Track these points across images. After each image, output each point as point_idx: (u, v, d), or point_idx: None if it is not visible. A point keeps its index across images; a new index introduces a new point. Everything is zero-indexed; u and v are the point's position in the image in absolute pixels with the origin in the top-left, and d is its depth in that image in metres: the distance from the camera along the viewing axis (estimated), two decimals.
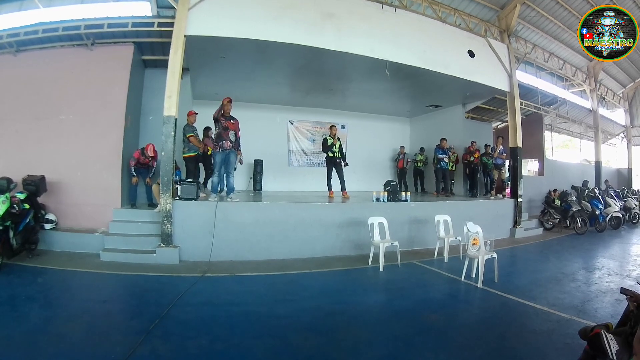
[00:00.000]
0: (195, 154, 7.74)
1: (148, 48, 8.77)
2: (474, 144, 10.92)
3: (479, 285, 5.22)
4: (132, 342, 3.28)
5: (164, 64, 6.77)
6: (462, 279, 5.52)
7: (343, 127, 13.54)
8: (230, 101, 6.95)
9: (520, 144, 10.00)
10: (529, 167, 16.43)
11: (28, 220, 6.17)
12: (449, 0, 9.41)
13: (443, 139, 11.02)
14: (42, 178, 7.07)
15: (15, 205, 5.88)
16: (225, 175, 7.18)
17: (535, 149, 14.65)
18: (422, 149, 12.76)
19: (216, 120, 6.95)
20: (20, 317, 3.78)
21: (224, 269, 5.90)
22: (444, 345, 3.52)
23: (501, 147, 10.46)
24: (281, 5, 7.10)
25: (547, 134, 15.50)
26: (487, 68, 9.48)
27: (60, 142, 7.65)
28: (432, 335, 3.71)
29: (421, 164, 12.75)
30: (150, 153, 7.71)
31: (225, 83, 9.82)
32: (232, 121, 6.96)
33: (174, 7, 6.94)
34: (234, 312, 4.21)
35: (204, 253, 6.25)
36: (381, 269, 6.02)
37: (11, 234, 5.70)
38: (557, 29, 12.17)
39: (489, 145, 10.96)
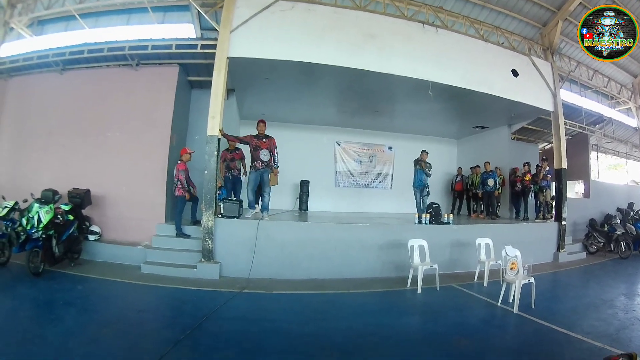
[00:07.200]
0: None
1: (194, 69, 9.05)
2: (526, 166, 10.64)
3: (515, 310, 5.08)
4: (161, 349, 3.43)
5: (209, 85, 6.99)
6: (499, 303, 5.41)
7: (390, 148, 13.51)
8: (263, 122, 7.17)
9: (565, 165, 9.61)
10: (576, 189, 15.72)
11: (72, 230, 6.55)
12: (492, 18, 9.34)
13: (486, 162, 10.77)
14: (87, 191, 7.47)
15: (59, 216, 6.28)
16: (261, 194, 7.22)
17: (581, 171, 14.01)
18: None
19: (245, 143, 7.15)
20: (56, 319, 3.95)
21: (263, 286, 5.93)
22: None
23: (547, 168, 10.08)
24: (323, 26, 7.19)
25: (593, 155, 14.83)
26: (531, 87, 9.17)
27: (106, 158, 7.98)
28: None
29: (477, 184, 11.26)
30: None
31: (271, 104, 9.93)
32: (264, 140, 7.04)
33: (217, 30, 7.18)
34: (265, 328, 4.27)
35: (244, 270, 6.32)
36: (419, 291, 5.91)
37: (54, 242, 6.09)
38: None
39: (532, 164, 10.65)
